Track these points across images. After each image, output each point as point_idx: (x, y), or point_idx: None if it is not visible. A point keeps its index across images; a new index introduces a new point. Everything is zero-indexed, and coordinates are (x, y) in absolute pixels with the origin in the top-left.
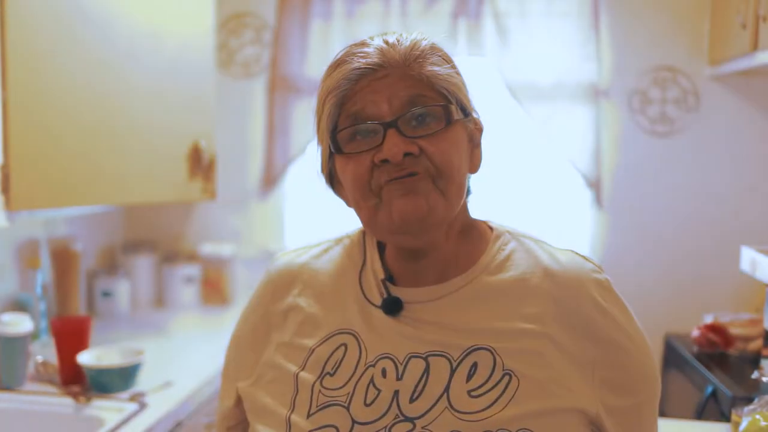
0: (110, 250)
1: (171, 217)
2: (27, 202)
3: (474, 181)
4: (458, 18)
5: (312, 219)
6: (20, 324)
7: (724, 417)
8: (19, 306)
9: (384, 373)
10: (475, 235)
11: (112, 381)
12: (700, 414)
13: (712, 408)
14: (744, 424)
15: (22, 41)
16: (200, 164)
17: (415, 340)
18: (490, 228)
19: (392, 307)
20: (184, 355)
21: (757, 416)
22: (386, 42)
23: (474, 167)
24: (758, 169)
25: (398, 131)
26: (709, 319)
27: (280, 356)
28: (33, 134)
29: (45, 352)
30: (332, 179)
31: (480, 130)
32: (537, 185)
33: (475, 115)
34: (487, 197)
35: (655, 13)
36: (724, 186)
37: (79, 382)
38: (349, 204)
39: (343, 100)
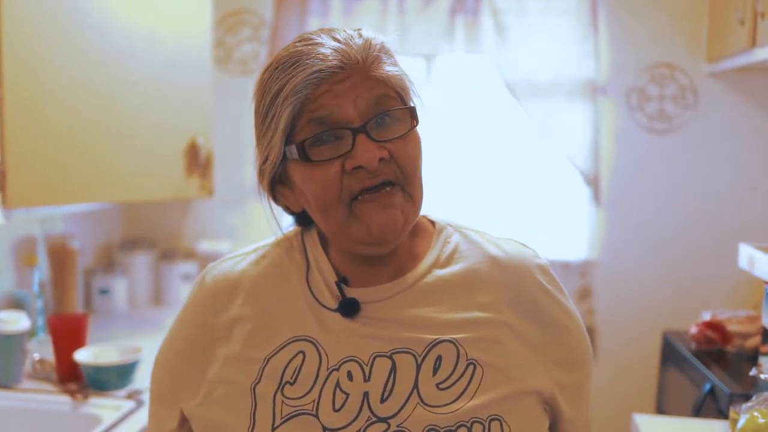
0: (108, 248)
1: (168, 214)
2: (24, 199)
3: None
4: (456, 15)
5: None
6: (17, 322)
7: (722, 414)
8: (16, 304)
9: (350, 375)
10: (419, 230)
11: (109, 379)
12: (698, 411)
13: (710, 405)
14: (742, 421)
15: (19, 39)
16: (197, 161)
17: (376, 340)
18: (431, 222)
19: (349, 309)
20: None
21: (755, 413)
22: (338, 40)
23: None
24: (756, 166)
25: (368, 136)
26: (707, 316)
27: (230, 371)
28: (30, 132)
29: (42, 349)
30: (274, 185)
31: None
32: (535, 182)
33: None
34: (485, 195)
35: (653, 10)
36: (722, 183)
37: (76, 380)
38: (293, 210)
39: (302, 105)
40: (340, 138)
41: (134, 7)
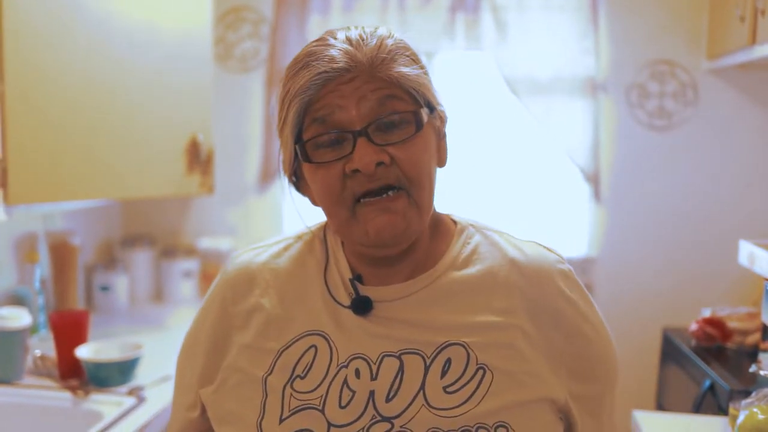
0: (108, 245)
1: (169, 211)
2: (25, 196)
3: (442, 174)
4: (456, 12)
5: (310, 213)
6: (18, 318)
7: (722, 411)
8: (17, 300)
9: (357, 373)
10: (440, 230)
11: (110, 375)
12: (698, 408)
13: (709, 402)
14: (741, 417)
15: (20, 36)
16: (198, 158)
17: (386, 339)
18: (454, 221)
19: (362, 306)
20: None
21: (755, 410)
22: (350, 41)
23: (441, 161)
24: (756, 163)
25: (368, 139)
26: (707, 313)
27: (244, 360)
28: (31, 129)
29: (43, 346)
30: (297, 176)
31: (444, 121)
32: (535, 179)
33: (440, 108)
34: (485, 192)
35: (653, 6)
36: (723, 179)
37: (77, 376)
38: (315, 204)
39: (308, 104)
40: (343, 140)
41: (134, 2)
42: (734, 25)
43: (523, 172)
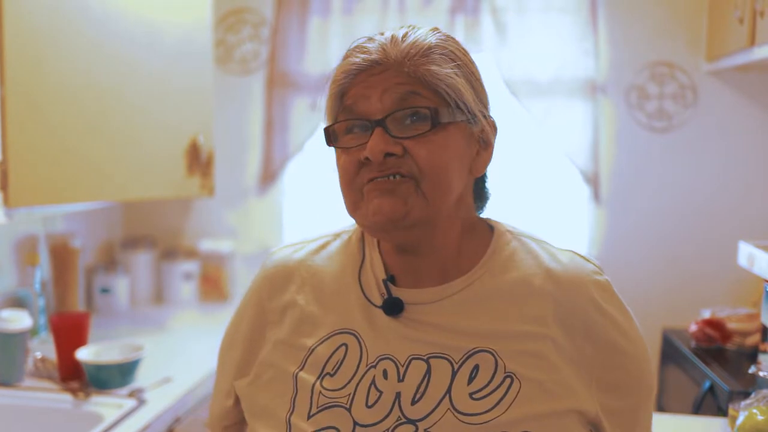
0: (109, 247)
1: (169, 213)
2: (26, 198)
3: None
4: (456, 14)
5: (311, 215)
6: (19, 320)
7: (722, 412)
8: (17, 302)
9: (385, 374)
10: (476, 235)
11: (111, 377)
12: (698, 409)
13: (709, 403)
14: (741, 418)
15: (21, 38)
16: (199, 160)
17: (416, 342)
18: (491, 227)
19: (393, 308)
20: (183, 351)
21: (754, 411)
22: (391, 38)
23: (477, 170)
24: (755, 164)
25: (385, 130)
26: (706, 314)
27: (278, 355)
28: (31, 131)
29: (44, 348)
30: None
31: (492, 130)
32: (535, 181)
33: (486, 117)
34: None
35: (652, 8)
36: (722, 181)
37: (78, 378)
38: None
39: (342, 93)
40: (366, 129)
41: (136, 3)
42: (733, 27)
43: (523, 173)
